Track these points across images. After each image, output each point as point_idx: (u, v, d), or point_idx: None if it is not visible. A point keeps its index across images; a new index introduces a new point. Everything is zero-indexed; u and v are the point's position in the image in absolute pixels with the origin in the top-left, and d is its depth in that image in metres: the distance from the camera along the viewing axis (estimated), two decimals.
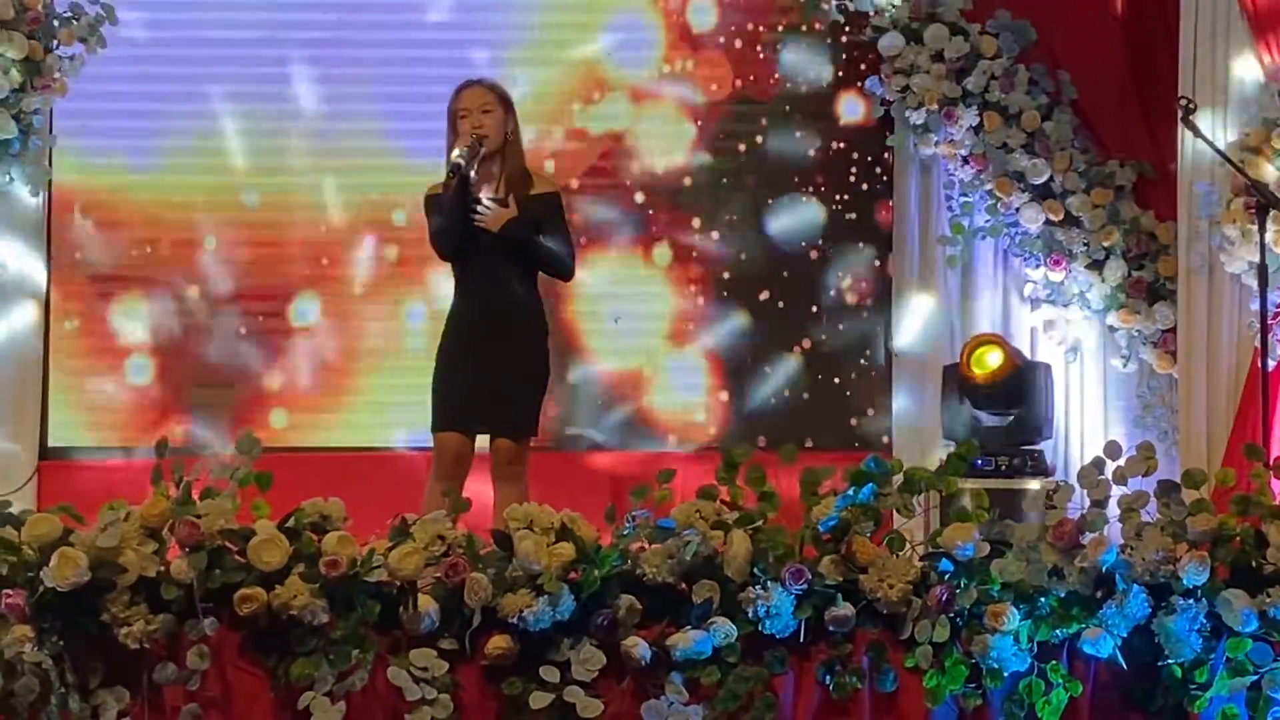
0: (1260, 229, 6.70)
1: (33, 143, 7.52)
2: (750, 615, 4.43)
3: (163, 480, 4.47)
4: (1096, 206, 7.71)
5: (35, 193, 7.64)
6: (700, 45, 8.08)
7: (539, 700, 4.38)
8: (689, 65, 8.07)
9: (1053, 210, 7.72)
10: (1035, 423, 7.42)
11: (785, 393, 8.05)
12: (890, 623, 4.50)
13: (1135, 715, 4.54)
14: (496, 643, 4.39)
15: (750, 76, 8.08)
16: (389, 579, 4.40)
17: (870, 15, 7.83)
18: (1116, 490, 4.57)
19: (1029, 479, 7.13)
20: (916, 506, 4.64)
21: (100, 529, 4.33)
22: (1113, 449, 4.63)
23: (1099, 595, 4.48)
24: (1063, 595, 4.48)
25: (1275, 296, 6.94)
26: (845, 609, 4.45)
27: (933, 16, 7.77)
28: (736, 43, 8.08)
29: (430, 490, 5.81)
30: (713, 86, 8.08)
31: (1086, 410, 7.87)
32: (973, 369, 7.37)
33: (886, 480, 4.60)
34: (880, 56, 7.85)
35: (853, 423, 8.05)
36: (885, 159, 8.06)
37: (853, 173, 8.10)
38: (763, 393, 8.04)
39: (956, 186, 7.89)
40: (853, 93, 8.06)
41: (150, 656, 4.36)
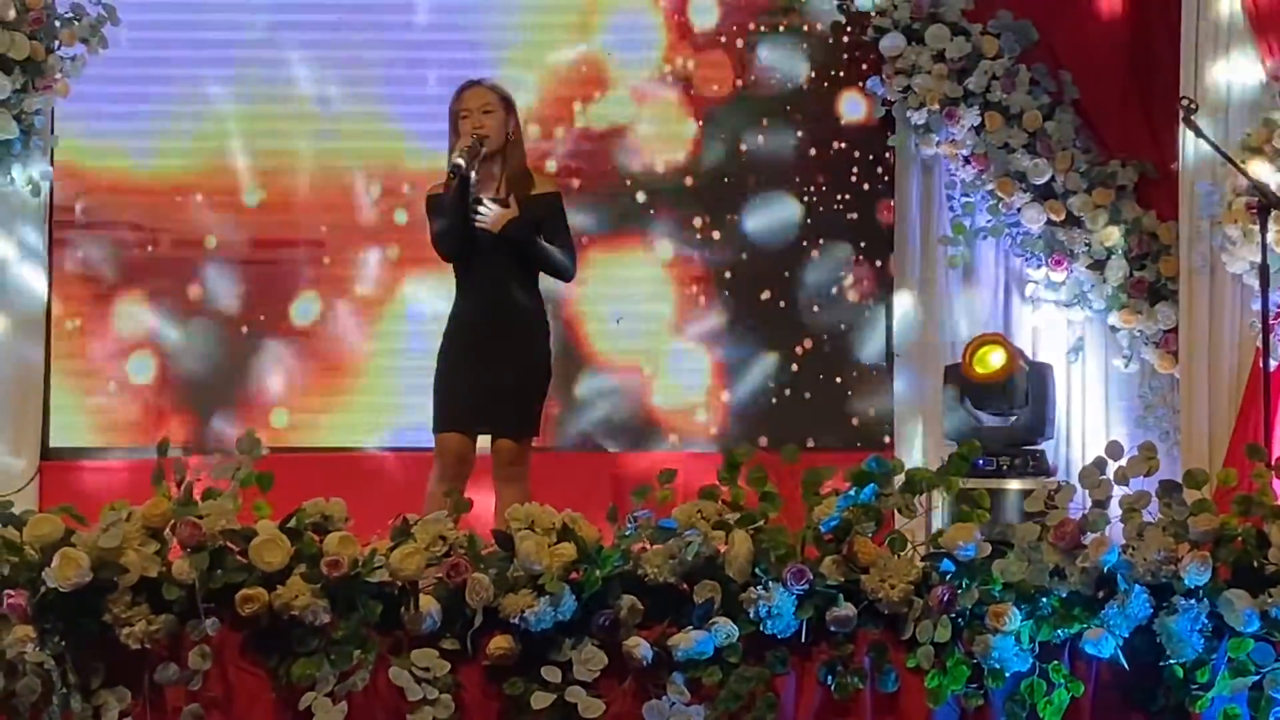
0: (1262, 229, 6.69)
1: (34, 143, 7.52)
2: (752, 615, 4.43)
3: (164, 480, 4.48)
4: (1098, 206, 7.70)
5: (36, 193, 7.64)
6: (701, 44, 8.07)
7: (540, 700, 4.38)
8: (690, 64, 8.06)
9: (1054, 210, 7.72)
10: (1037, 423, 7.41)
11: (786, 392, 8.04)
12: (892, 623, 4.50)
13: (1137, 715, 4.54)
14: (498, 643, 4.39)
15: (751, 76, 8.08)
16: (391, 579, 4.40)
17: (871, 15, 7.83)
18: (1118, 490, 4.58)
19: (1031, 479, 7.12)
20: (918, 507, 4.64)
21: (102, 529, 4.33)
22: (1114, 449, 4.63)
23: (1101, 595, 4.48)
24: (1064, 595, 4.48)
25: (1277, 296, 6.91)
26: (847, 609, 4.45)
27: (934, 16, 7.76)
28: (738, 42, 8.07)
29: (432, 490, 5.81)
30: (714, 86, 8.08)
31: (1088, 410, 7.86)
32: (975, 368, 7.35)
33: (888, 480, 4.60)
34: (881, 56, 7.85)
35: (854, 422, 8.05)
36: (887, 159, 8.06)
37: (854, 172, 8.09)
38: (764, 392, 8.04)
39: (958, 186, 7.88)
40: (854, 92, 8.05)
41: (152, 657, 4.36)
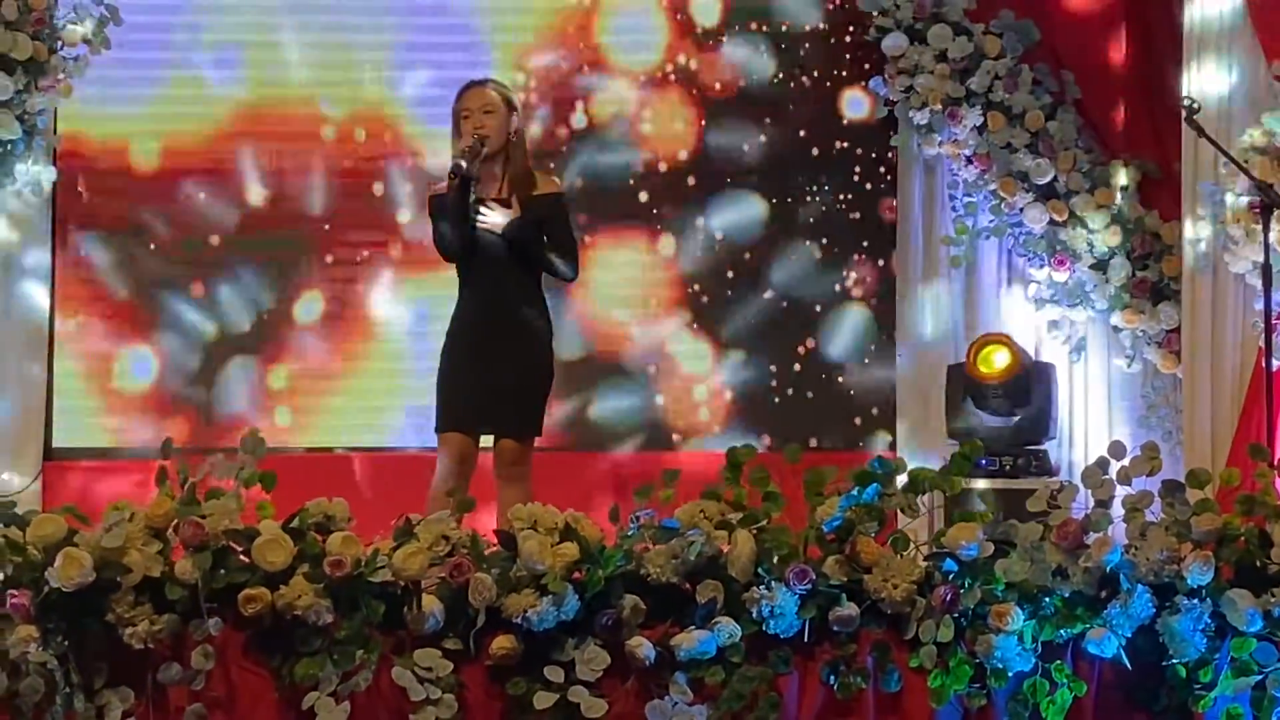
0: (1264, 229, 6.69)
1: (36, 143, 7.52)
2: (754, 615, 4.43)
3: (167, 481, 4.48)
4: (1100, 206, 7.70)
5: (39, 193, 7.64)
6: (704, 42, 8.07)
7: (543, 700, 4.38)
8: (693, 62, 8.06)
9: (1057, 210, 7.71)
10: (1040, 423, 7.42)
11: (789, 392, 8.04)
12: (894, 623, 4.50)
13: (1139, 715, 4.54)
14: (501, 643, 4.39)
15: (754, 75, 8.08)
16: (393, 579, 4.40)
17: (874, 15, 7.83)
18: (1121, 490, 4.58)
19: (1033, 479, 7.11)
20: (921, 506, 4.64)
21: (105, 529, 4.34)
22: (1117, 449, 4.63)
23: (1103, 595, 4.48)
24: (1067, 595, 4.48)
25: (1279, 296, 6.93)
26: (849, 609, 4.45)
27: (936, 16, 7.77)
28: (740, 40, 8.07)
29: (435, 490, 5.81)
30: (716, 85, 8.08)
31: (1091, 410, 7.87)
32: (980, 368, 7.35)
33: (890, 480, 4.60)
34: (884, 56, 7.85)
35: (857, 422, 8.05)
36: (889, 158, 8.06)
37: (857, 171, 8.09)
38: (767, 392, 8.04)
39: (960, 186, 7.88)
40: (857, 92, 8.06)
41: (155, 656, 4.36)
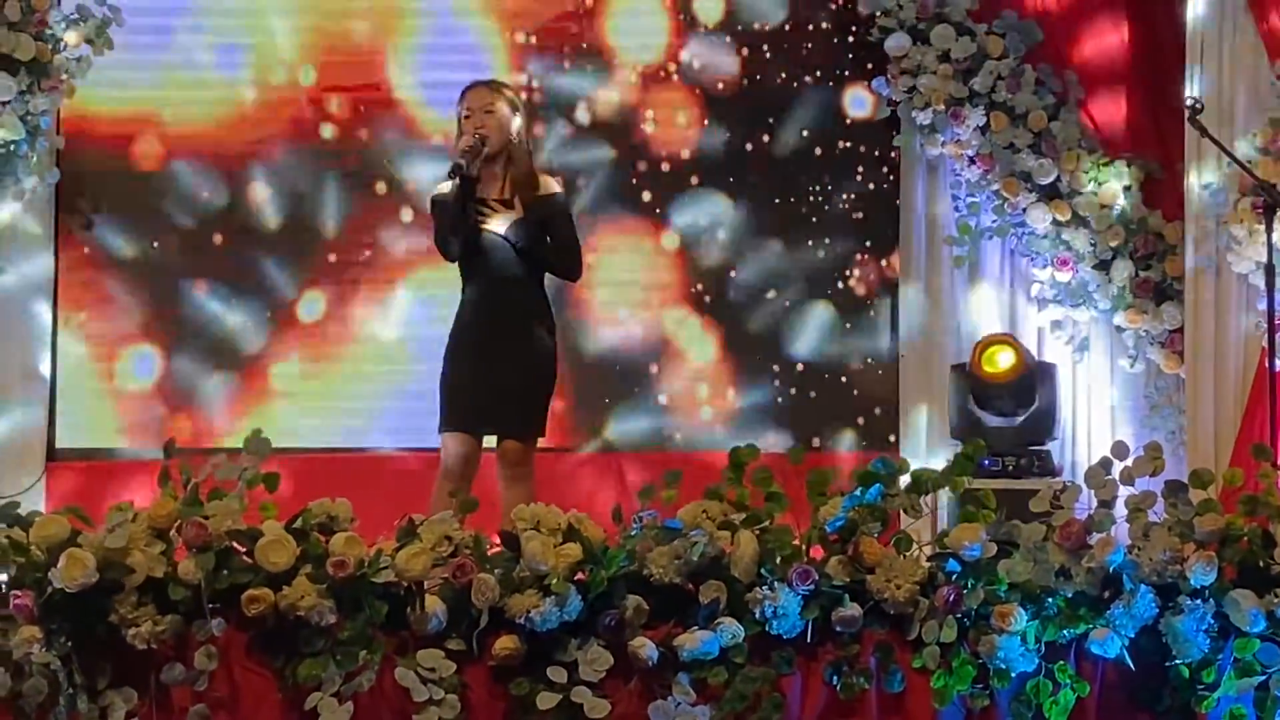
0: (1268, 229, 6.69)
1: (39, 144, 7.52)
2: (757, 616, 4.42)
3: (170, 481, 4.48)
4: (1103, 207, 7.70)
5: (42, 192, 7.65)
6: (707, 40, 8.07)
7: (546, 701, 4.37)
8: (696, 60, 8.06)
9: (1059, 210, 7.71)
10: (1043, 423, 7.41)
11: (792, 391, 8.05)
12: (897, 623, 4.50)
13: (1142, 715, 4.54)
14: (504, 643, 4.39)
15: (757, 74, 8.08)
16: (396, 579, 4.39)
17: (877, 16, 7.83)
18: (1124, 490, 4.57)
19: (1036, 479, 7.10)
20: (924, 507, 4.64)
21: (108, 530, 4.34)
22: (1120, 449, 4.63)
23: (1106, 595, 4.48)
24: (1070, 595, 4.47)
25: None
26: (852, 609, 4.45)
27: (939, 17, 7.77)
28: (744, 38, 8.07)
29: (438, 491, 5.81)
30: (719, 85, 8.08)
31: (1094, 410, 7.87)
32: (984, 368, 7.35)
33: (894, 480, 4.60)
34: (886, 56, 7.85)
35: (860, 422, 8.05)
36: (892, 158, 8.06)
37: (860, 171, 8.10)
38: (769, 392, 8.04)
39: (963, 187, 7.88)
40: (860, 92, 8.06)
41: (158, 657, 4.36)
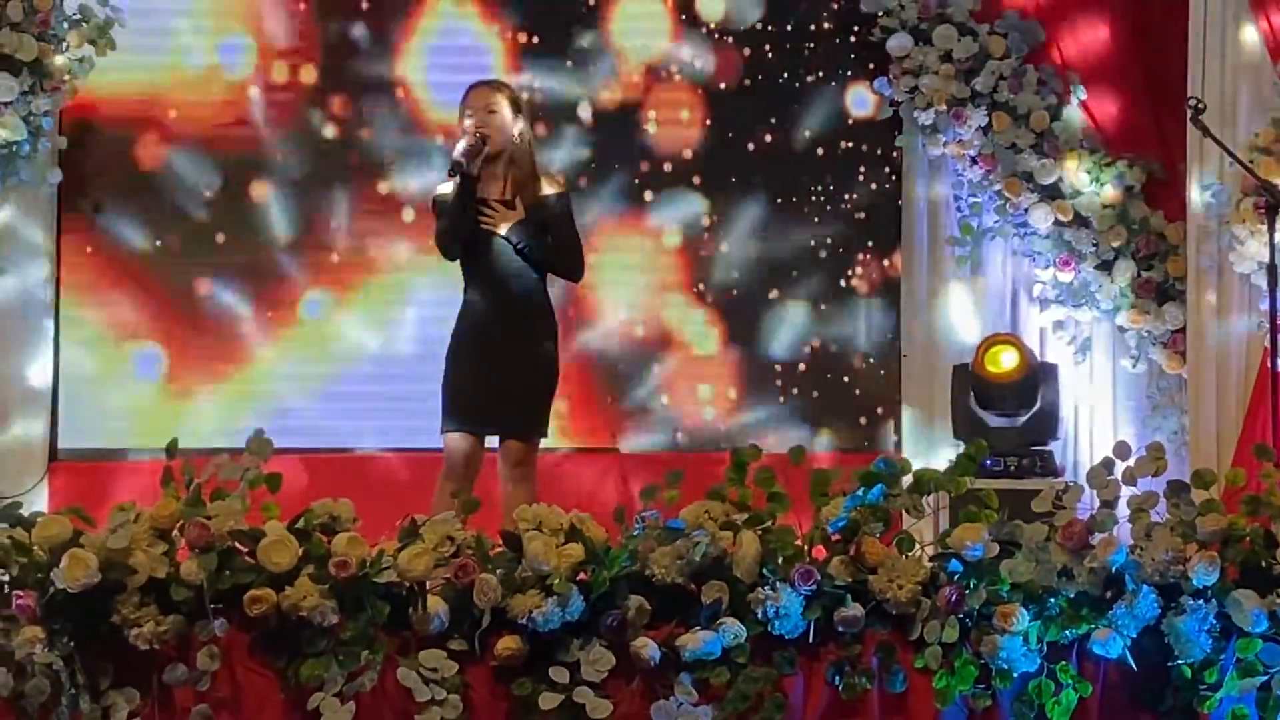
0: (1270, 229, 6.69)
1: (41, 144, 7.52)
2: (759, 616, 4.43)
3: (173, 481, 4.48)
4: (1105, 207, 7.70)
5: (44, 193, 7.65)
6: (709, 39, 8.07)
7: (548, 701, 4.37)
8: (697, 59, 8.06)
9: (1061, 210, 7.71)
10: (1045, 423, 7.41)
11: (794, 391, 8.05)
12: (899, 623, 4.50)
13: (1145, 716, 4.54)
14: (506, 643, 4.39)
15: (759, 74, 8.08)
16: (398, 580, 4.40)
17: (879, 16, 7.83)
18: (1126, 491, 4.57)
19: (1039, 479, 7.10)
20: (926, 507, 4.64)
21: (110, 530, 4.34)
22: (1122, 449, 4.63)
23: (1108, 596, 4.48)
24: (1072, 596, 4.48)
25: None
26: (854, 610, 4.45)
27: (941, 17, 7.76)
28: (746, 38, 8.07)
29: (440, 491, 5.81)
30: (721, 84, 8.08)
31: (1096, 411, 7.86)
32: (987, 368, 7.35)
33: (896, 481, 4.60)
34: (888, 56, 7.85)
35: (862, 422, 8.05)
36: (894, 158, 8.06)
37: (862, 171, 8.10)
38: (771, 392, 8.04)
39: (965, 187, 7.88)
40: (862, 91, 8.06)
41: (160, 657, 4.37)
